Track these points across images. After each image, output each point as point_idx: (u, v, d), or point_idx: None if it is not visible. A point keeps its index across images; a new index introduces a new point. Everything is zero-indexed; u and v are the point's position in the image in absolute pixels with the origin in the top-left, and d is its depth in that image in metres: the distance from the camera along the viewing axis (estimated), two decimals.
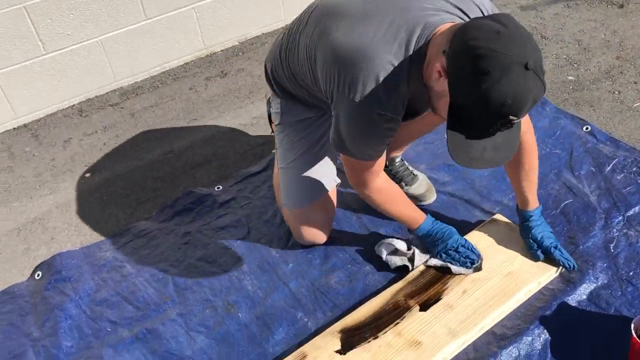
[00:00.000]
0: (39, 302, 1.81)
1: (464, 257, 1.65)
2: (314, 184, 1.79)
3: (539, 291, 1.63)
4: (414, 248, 1.72)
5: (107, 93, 2.81)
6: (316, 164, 1.79)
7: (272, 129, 1.90)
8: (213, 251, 1.90)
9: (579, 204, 1.88)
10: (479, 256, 1.67)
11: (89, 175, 2.36)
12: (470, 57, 1.14)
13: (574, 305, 1.59)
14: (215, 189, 2.16)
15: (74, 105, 2.75)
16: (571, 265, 1.63)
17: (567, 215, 1.85)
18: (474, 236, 1.77)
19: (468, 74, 1.15)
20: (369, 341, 1.52)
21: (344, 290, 1.72)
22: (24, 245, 2.07)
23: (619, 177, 1.95)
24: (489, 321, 1.54)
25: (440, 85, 1.25)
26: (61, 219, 2.15)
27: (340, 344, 1.53)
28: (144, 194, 2.22)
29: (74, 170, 2.38)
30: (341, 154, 1.54)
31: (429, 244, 1.70)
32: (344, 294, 1.72)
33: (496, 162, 1.29)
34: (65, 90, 2.71)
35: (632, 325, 1.40)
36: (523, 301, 1.61)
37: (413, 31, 1.32)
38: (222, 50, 3.03)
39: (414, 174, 1.98)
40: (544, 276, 1.63)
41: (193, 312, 1.72)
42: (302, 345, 1.56)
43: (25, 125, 2.67)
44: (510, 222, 1.81)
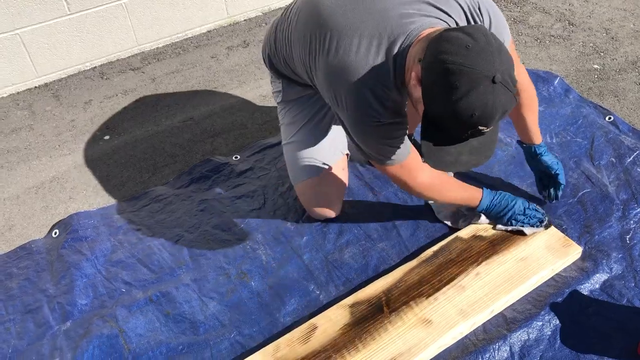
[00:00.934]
0: (55, 260, 1.84)
1: (533, 218, 1.69)
2: (317, 156, 1.81)
3: (552, 278, 1.63)
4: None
5: (129, 57, 2.81)
6: (319, 137, 1.81)
7: None
8: (228, 220, 1.92)
9: (597, 194, 1.87)
10: (543, 214, 1.71)
11: (108, 137, 2.37)
12: (440, 71, 1.17)
13: (586, 293, 1.59)
14: (233, 158, 2.17)
15: (95, 67, 2.76)
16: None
17: (584, 205, 1.84)
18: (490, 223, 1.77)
19: (438, 86, 1.19)
20: (380, 317, 1.53)
21: (357, 266, 1.74)
22: (43, 203, 2.09)
23: (639, 170, 1.93)
24: (500, 304, 1.55)
25: (416, 92, 1.27)
26: (79, 180, 2.17)
27: (350, 317, 1.54)
28: (162, 159, 2.24)
29: (94, 132, 2.40)
30: (374, 162, 1.56)
31: (495, 215, 1.71)
32: (356, 269, 1.73)
33: (473, 165, 1.32)
34: (88, 51, 2.71)
35: None
36: (535, 287, 1.61)
37: (395, 41, 1.35)
38: (245, 20, 3.01)
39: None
40: (557, 263, 1.63)
41: (206, 278, 1.74)
42: (313, 317, 1.57)
43: (46, 85, 2.68)
44: None
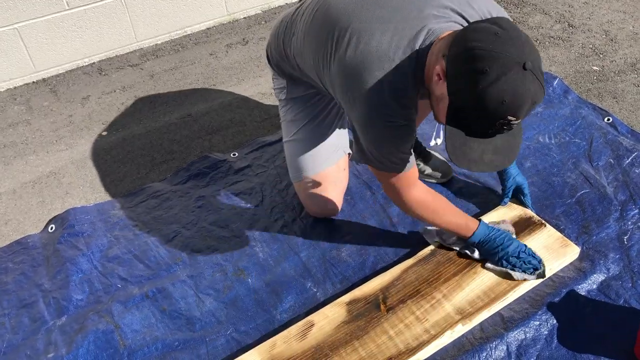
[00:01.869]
0: (51, 255, 1.83)
1: (526, 263, 1.59)
2: (318, 155, 1.80)
3: (549, 278, 1.63)
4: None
5: (128, 53, 2.81)
6: (321, 136, 1.80)
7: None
8: (226, 216, 1.91)
9: (595, 195, 1.87)
10: (540, 261, 1.60)
11: (105, 133, 2.36)
12: (468, 58, 1.14)
13: (583, 294, 1.59)
14: (231, 155, 2.16)
15: (93, 63, 2.75)
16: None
17: (582, 205, 1.84)
18: (490, 219, 1.76)
19: (466, 74, 1.15)
20: (377, 315, 1.53)
21: (354, 264, 1.73)
22: (39, 198, 2.08)
23: (637, 171, 1.93)
24: (498, 304, 1.55)
25: (439, 88, 1.23)
26: (76, 175, 2.17)
27: (347, 315, 1.54)
28: (159, 155, 2.23)
29: (91, 128, 2.39)
30: (373, 169, 1.52)
31: (486, 251, 1.61)
32: (354, 267, 1.72)
33: (496, 166, 1.27)
34: (86, 47, 2.70)
35: None
36: (533, 286, 1.61)
37: (416, 38, 1.31)
38: (245, 18, 3.00)
39: (427, 151, 1.98)
40: (555, 263, 1.63)
41: (203, 275, 1.73)
42: (310, 314, 1.57)
43: (44, 80, 2.67)
44: (525, 209, 1.80)
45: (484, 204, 1.88)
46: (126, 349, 1.56)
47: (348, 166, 1.90)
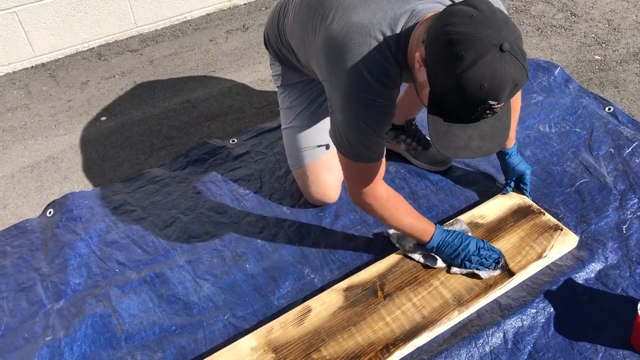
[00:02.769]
0: (49, 239, 1.83)
1: (487, 259, 1.57)
2: (315, 142, 1.79)
3: (547, 266, 1.63)
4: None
5: (127, 39, 2.79)
6: (317, 122, 1.79)
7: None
8: (224, 202, 1.91)
9: (595, 184, 1.87)
10: (500, 254, 1.59)
11: (104, 118, 2.35)
12: (444, 44, 1.11)
13: (581, 282, 1.59)
14: (230, 141, 2.16)
15: (93, 48, 2.74)
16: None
17: (582, 194, 1.84)
18: (488, 207, 1.76)
19: (443, 60, 1.12)
20: (374, 301, 1.53)
21: (352, 250, 1.73)
22: (37, 182, 2.08)
23: (638, 161, 1.93)
24: (495, 291, 1.54)
25: (421, 75, 1.21)
26: (75, 160, 2.16)
27: (345, 301, 1.54)
28: (158, 141, 2.22)
29: (90, 113, 2.38)
30: (341, 155, 1.47)
31: (447, 255, 1.58)
32: (351, 253, 1.72)
33: (484, 152, 1.22)
34: (85, 32, 2.69)
35: (639, 306, 1.40)
36: (531, 274, 1.61)
37: (399, 18, 1.29)
38: (245, 4, 2.99)
39: (427, 139, 1.97)
40: (553, 252, 1.63)
41: (201, 260, 1.73)
42: (307, 300, 1.57)
43: (43, 65, 2.66)
44: (524, 197, 1.80)
45: (483, 192, 1.88)
46: (123, 332, 1.56)
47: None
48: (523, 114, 2.15)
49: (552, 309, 1.53)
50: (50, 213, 1.93)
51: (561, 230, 1.68)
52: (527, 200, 1.78)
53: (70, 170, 2.12)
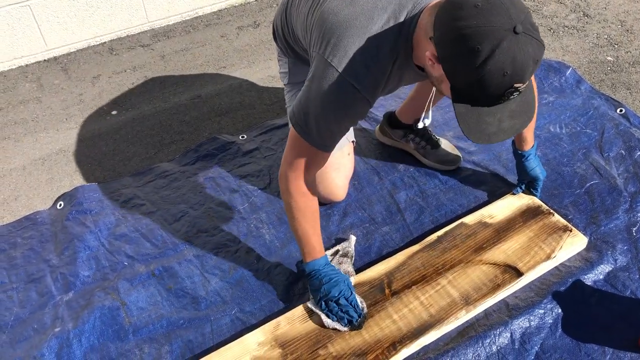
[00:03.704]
0: (59, 231, 1.84)
1: (343, 312, 1.47)
2: None
3: (556, 267, 1.62)
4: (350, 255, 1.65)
5: (139, 33, 2.80)
6: None
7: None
8: (233, 198, 1.92)
9: (605, 186, 1.86)
10: (361, 315, 1.48)
11: (115, 112, 2.37)
12: (456, 40, 1.10)
13: (589, 284, 1.58)
14: (240, 137, 2.16)
15: (104, 42, 2.75)
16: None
17: (592, 196, 1.83)
18: (497, 207, 1.76)
19: (459, 56, 1.11)
20: (382, 299, 1.53)
21: (360, 248, 1.73)
22: (48, 175, 2.09)
23: None
24: (503, 292, 1.54)
25: (436, 70, 1.19)
26: (85, 153, 2.17)
27: None
28: (168, 136, 2.23)
29: (101, 107, 2.39)
30: (295, 130, 1.40)
31: (312, 285, 1.52)
32: (359, 251, 1.72)
33: (516, 129, 1.21)
34: (97, 27, 2.70)
35: None
36: (539, 275, 1.60)
37: (404, 7, 1.27)
38: (257, 1, 2.99)
39: (437, 138, 1.97)
40: (562, 253, 1.62)
41: (209, 255, 1.74)
42: None
43: (55, 58, 2.67)
44: (533, 197, 1.79)
45: (492, 191, 1.87)
46: (131, 325, 1.57)
47: (354, 152, 1.89)
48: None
49: (560, 310, 1.52)
50: (60, 205, 1.94)
51: (570, 231, 1.68)
52: (537, 201, 1.78)
53: (81, 164, 2.13)
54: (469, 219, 1.74)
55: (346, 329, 1.47)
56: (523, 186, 1.80)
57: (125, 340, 1.54)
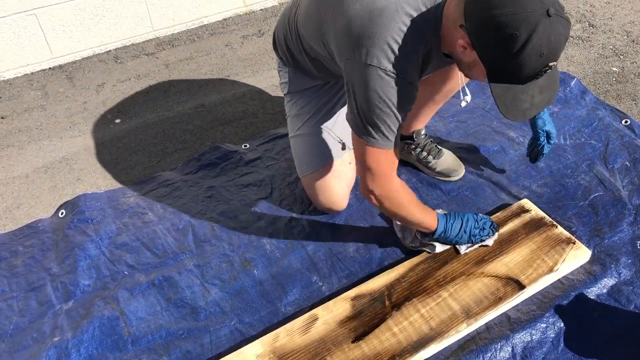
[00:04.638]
0: (60, 240, 1.84)
1: (487, 225, 1.64)
2: (322, 149, 1.78)
3: (558, 280, 1.61)
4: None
5: (144, 42, 2.81)
6: (324, 130, 1.78)
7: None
8: (235, 207, 1.91)
9: (609, 198, 1.84)
10: (488, 217, 1.67)
11: (119, 121, 2.37)
12: (493, 28, 1.15)
13: (592, 297, 1.57)
14: (243, 146, 2.16)
15: (109, 50, 2.76)
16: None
17: (595, 208, 1.81)
18: (499, 218, 1.75)
19: (497, 43, 1.16)
20: (382, 311, 1.52)
21: (361, 259, 1.72)
22: (51, 183, 2.10)
23: None
24: (505, 305, 1.53)
25: (468, 56, 1.26)
26: (88, 161, 2.18)
27: (352, 310, 1.53)
28: (171, 144, 2.23)
29: (105, 115, 2.40)
30: (359, 141, 1.43)
31: (452, 237, 1.60)
32: (360, 262, 1.71)
33: (547, 102, 1.30)
34: (102, 35, 2.72)
35: None
36: (541, 288, 1.59)
37: None
38: (262, 10, 3.00)
39: (439, 148, 1.96)
40: (565, 266, 1.60)
41: (210, 265, 1.73)
42: (315, 308, 1.56)
43: (60, 67, 2.68)
44: (537, 209, 1.78)
45: (495, 203, 1.86)
46: (130, 335, 1.56)
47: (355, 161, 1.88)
48: None
49: (562, 324, 1.51)
50: (62, 214, 1.94)
51: (574, 243, 1.66)
52: (540, 213, 1.76)
53: (83, 172, 2.13)
54: None
55: (496, 235, 1.66)
56: (543, 137, 1.84)
57: (124, 350, 1.54)
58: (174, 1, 2.76)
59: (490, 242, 1.65)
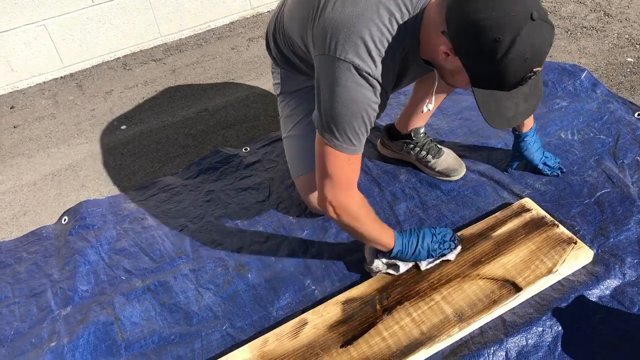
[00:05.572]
0: (62, 246, 1.87)
1: (445, 238, 1.57)
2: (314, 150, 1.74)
3: (558, 282, 1.55)
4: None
5: (152, 48, 2.84)
6: (315, 131, 1.74)
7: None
8: (232, 211, 1.91)
9: (617, 195, 1.76)
10: (449, 229, 1.61)
11: (124, 127, 2.40)
12: (476, 32, 1.12)
13: (594, 300, 1.50)
14: (243, 150, 2.16)
15: (118, 58, 2.80)
16: (557, 174, 1.85)
17: (602, 205, 1.74)
18: (498, 218, 1.69)
19: (480, 47, 1.13)
20: (372, 315, 1.49)
21: (356, 262, 1.69)
22: (56, 190, 2.14)
23: None
24: (499, 308, 1.48)
25: (450, 63, 1.22)
26: (93, 168, 2.21)
27: (342, 314, 1.50)
28: (174, 149, 2.25)
29: (112, 122, 2.43)
30: (322, 143, 1.37)
31: (409, 254, 1.53)
32: (355, 265, 1.68)
33: (531, 110, 1.27)
34: (111, 42, 2.75)
35: None
36: (539, 290, 1.53)
37: (406, 2, 1.26)
38: (269, 12, 2.99)
39: (438, 147, 1.91)
40: (565, 266, 1.54)
41: (205, 269, 1.73)
42: (306, 312, 1.54)
43: (71, 75, 2.73)
44: (538, 208, 1.72)
45: (495, 202, 1.81)
46: (124, 340, 1.57)
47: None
48: (544, 120, 2.06)
49: (560, 328, 1.45)
50: (65, 220, 1.97)
51: (575, 243, 1.60)
52: (541, 212, 1.70)
53: (88, 178, 2.16)
54: (468, 232, 1.67)
55: (459, 246, 1.59)
56: (515, 164, 1.86)
57: (118, 355, 1.55)
58: (181, 7, 2.78)
59: (451, 257, 1.57)
